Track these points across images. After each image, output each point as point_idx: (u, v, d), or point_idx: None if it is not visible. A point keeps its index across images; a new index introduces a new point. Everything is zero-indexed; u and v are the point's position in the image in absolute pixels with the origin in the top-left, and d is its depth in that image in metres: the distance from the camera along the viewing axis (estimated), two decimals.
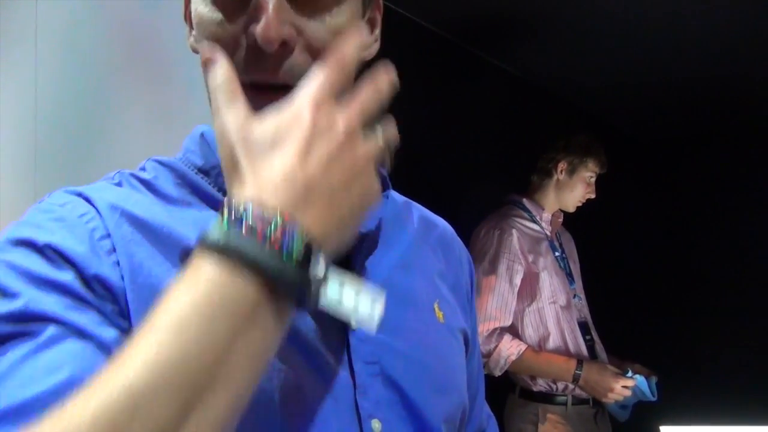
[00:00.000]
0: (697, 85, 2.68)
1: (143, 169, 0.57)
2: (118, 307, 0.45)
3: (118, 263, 0.46)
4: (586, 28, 2.15)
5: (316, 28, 0.50)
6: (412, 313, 0.60)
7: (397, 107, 0.58)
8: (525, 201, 2.00)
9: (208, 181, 0.56)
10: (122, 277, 0.46)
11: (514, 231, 1.87)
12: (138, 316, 0.45)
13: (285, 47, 0.48)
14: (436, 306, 0.63)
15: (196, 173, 0.56)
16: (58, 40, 1.68)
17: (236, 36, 0.49)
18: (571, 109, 2.95)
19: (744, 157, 3.25)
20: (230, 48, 0.49)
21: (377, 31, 0.60)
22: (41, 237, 0.45)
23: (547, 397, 1.85)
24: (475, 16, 2.08)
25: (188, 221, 0.52)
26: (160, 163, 0.57)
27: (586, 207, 2.02)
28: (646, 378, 1.78)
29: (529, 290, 1.87)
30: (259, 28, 0.46)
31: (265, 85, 0.48)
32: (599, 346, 1.95)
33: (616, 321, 2.16)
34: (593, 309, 2.03)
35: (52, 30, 1.70)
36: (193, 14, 0.52)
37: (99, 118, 1.58)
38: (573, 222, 2.13)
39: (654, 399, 1.75)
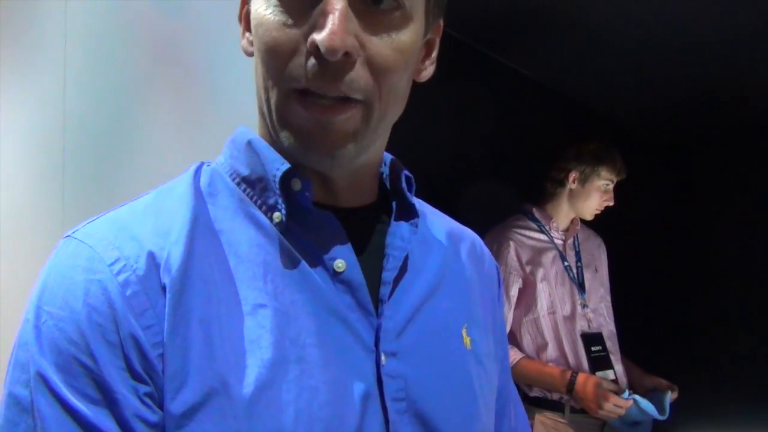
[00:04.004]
0: (719, 87, 2.56)
1: (198, 171, 0.57)
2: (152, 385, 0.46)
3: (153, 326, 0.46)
4: (602, 29, 2.11)
5: (380, 44, 0.48)
6: (440, 341, 0.59)
7: (409, 110, 0.57)
8: (534, 210, 1.98)
9: (251, 193, 0.55)
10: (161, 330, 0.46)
11: (511, 243, 1.87)
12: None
13: (347, 58, 0.46)
14: (464, 331, 0.62)
15: (238, 183, 0.56)
16: (86, 45, 1.70)
17: (296, 41, 0.47)
18: (588, 112, 2.91)
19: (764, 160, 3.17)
20: (288, 53, 0.47)
21: (434, 54, 0.59)
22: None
23: (543, 403, 1.84)
24: (488, 17, 2.06)
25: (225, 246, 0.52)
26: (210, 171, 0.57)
27: (600, 212, 1.98)
28: (662, 393, 1.73)
29: (526, 301, 1.87)
30: (323, 36, 0.44)
31: (323, 97, 0.47)
32: (615, 357, 1.91)
33: (630, 329, 2.12)
34: None
35: (80, 35, 1.72)
36: (252, 15, 0.51)
37: (126, 121, 1.59)
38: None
39: (664, 418, 1.68)
